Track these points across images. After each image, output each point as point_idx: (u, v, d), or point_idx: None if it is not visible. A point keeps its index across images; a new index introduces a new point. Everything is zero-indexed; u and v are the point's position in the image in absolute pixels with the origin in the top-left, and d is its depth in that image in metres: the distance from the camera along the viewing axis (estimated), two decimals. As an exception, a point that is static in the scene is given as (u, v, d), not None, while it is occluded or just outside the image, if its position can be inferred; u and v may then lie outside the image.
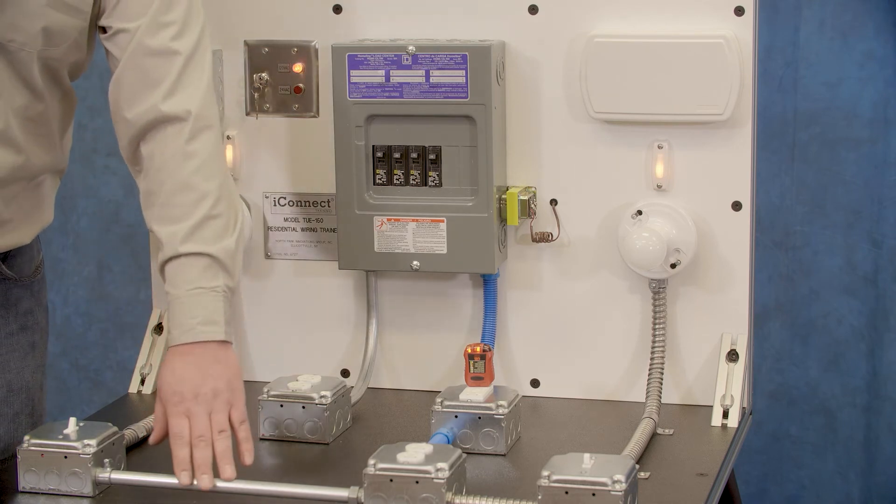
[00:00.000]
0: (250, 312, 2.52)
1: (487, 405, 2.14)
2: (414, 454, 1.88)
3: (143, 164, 2.04)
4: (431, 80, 2.31)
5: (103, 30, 2.04)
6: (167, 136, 2.01)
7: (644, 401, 2.29)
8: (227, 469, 1.94)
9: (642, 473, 2.03)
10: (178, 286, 2.00)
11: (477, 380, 2.17)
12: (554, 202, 2.37)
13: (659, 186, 2.32)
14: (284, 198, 2.47)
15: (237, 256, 2.05)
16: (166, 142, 2.02)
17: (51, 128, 2.06)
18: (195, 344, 1.99)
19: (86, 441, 1.98)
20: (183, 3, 2.03)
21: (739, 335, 2.33)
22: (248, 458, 1.97)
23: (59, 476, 1.98)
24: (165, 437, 1.98)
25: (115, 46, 2.03)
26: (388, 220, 2.37)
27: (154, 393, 2.46)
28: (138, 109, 2.02)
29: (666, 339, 2.32)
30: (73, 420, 2.01)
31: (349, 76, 2.34)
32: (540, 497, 1.82)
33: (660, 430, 2.22)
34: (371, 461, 1.88)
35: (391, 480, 1.86)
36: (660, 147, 2.31)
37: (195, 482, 1.93)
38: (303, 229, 2.48)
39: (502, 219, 2.35)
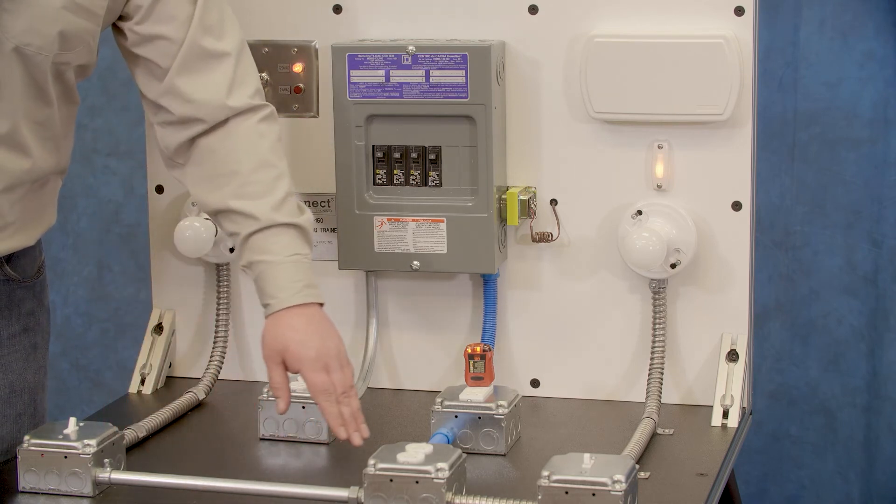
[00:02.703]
0: (250, 312, 2.51)
1: (487, 405, 2.14)
2: (414, 454, 1.88)
3: (196, 155, 2.10)
4: (431, 80, 2.31)
5: (123, 35, 2.07)
6: (234, 124, 2.09)
7: (644, 401, 2.29)
8: (364, 427, 2.05)
9: (642, 473, 2.03)
10: (277, 253, 2.07)
11: (477, 380, 2.17)
12: (554, 202, 2.37)
13: (659, 186, 2.32)
14: (284, 198, 2.47)
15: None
16: (234, 128, 2.09)
17: (56, 130, 2.06)
18: (302, 306, 2.05)
19: (86, 441, 1.98)
20: (217, 2, 2.10)
21: (739, 335, 2.33)
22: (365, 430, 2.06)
23: (59, 476, 1.98)
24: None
25: (156, 53, 2.07)
26: (388, 220, 2.37)
27: (155, 392, 2.46)
28: (205, 110, 2.07)
29: (666, 339, 2.32)
30: (73, 420, 2.01)
31: (349, 76, 2.33)
32: (540, 497, 1.82)
33: (660, 430, 2.22)
34: (371, 461, 1.88)
35: (391, 480, 1.86)
36: (660, 147, 2.31)
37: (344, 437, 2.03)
38: (303, 229, 2.48)
39: (502, 219, 2.35)
